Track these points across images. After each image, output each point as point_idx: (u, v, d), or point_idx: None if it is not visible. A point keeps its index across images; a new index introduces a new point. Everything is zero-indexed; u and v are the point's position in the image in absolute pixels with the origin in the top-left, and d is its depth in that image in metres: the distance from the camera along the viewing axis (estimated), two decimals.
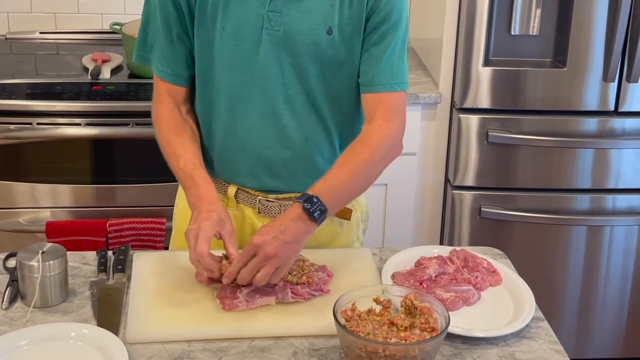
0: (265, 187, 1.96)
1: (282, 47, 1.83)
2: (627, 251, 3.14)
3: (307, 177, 1.91)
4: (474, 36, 2.89)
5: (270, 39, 1.82)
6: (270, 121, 1.89)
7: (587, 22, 2.86)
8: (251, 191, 1.97)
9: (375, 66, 1.87)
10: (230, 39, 1.83)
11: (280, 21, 1.81)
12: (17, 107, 2.85)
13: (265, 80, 1.86)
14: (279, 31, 1.82)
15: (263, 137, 1.90)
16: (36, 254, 1.71)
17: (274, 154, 1.92)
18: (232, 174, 1.97)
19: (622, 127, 2.99)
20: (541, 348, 1.66)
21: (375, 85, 1.88)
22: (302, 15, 1.82)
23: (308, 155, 1.93)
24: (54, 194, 2.96)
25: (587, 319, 3.22)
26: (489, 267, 1.88)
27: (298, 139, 1.91)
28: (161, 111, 1.94)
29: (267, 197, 1.96)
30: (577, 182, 3.05)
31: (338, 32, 1.84)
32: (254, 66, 1.85)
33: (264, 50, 1.83)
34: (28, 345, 1.58)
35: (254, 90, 1.87)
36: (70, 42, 3.38)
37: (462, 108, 2.98)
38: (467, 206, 3.06)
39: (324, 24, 1.82)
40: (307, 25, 1.82)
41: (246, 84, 1.87)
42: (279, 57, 1.84)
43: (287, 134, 1.90)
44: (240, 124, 1.90)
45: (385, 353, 1.47)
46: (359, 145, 1.87)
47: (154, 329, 1.64)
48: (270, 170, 1.94)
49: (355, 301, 1.60)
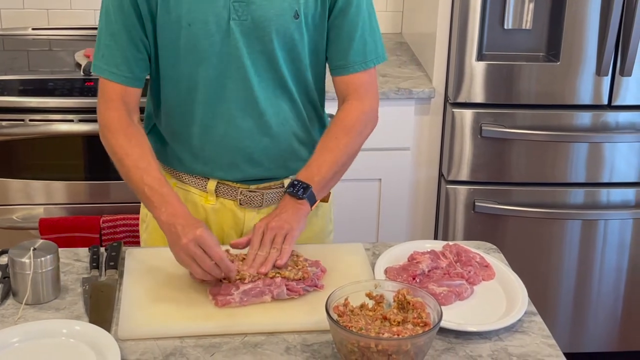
0: (246, 177, 1.97)
1: (251, 36, 1.84)
2: (621, 244, 3.15)
3: (285, 161, 1.97)
4: (468, 31, 2.89)
5: (239, 29, 1.83)
6: (247, 111, 1.90)
7: (580, 16, 2.86)
8: (232, 184, 1.97)
9: (347, 48, 1.93)
10: (198, 34, 1.83)
11: (247, 10, 1.83)
12: (10, 104, 2.84)
13: (238, 70, 1.86)
14: (247, 20, 1.83)
15: (241, 127, 1.91)
16: (28, 250, 1.71)
17: (253, 143, 1.93)
18: (212, 168, 1.96)
19: (615, 121, 2.99)
20: (534, 342, 1.66)
21: (348, 68, 1.94)
22: (268, 2, 1.84)
23: (285, 140, 1.96)
24: (47, 191, 2.96)
25: (581, 312, 3.22)
26: (481, 262, 1.87)
27: (275, 125, 1.93)
28: (112, 117, 1.88)
29: (248, 187, 1.98)
30: (571, 176, 3.05)
31: (303, 15, 1.86)
32: (225, 58, 1.85)
33: (234, 40, 1.84)
34: (20, 342, 1.58)
35: (228, 81, 1.87)
36: (63, 38, 3.37)
37: (455, 103, 2.98)
38: (461, 201, 3.06)
39: (290, 8, 1.85)
40: (273, 11, 1.84)
41: (220, 76, 1.87)
42: (249, 46, 1.85)
43: (265, 121, 1.92)
44: (218, 116, 1.90)
45: (378, 348, 1.47)
46: (336, 128, 1.94)
47: (146, 325, 1.64)
48: (250, 159, 1.95)
49: (347, 296, 1.60)
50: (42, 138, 2.87)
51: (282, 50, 1.87)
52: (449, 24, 2.97)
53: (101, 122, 1.89)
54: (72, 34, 3.38)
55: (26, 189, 2.95)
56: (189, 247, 1.69)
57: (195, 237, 1.69)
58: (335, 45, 1.94)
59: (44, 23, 3.42)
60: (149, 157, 1.85)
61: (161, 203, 1.78)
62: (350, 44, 1.93)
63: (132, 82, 1.89)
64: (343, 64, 1.95)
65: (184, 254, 1.70)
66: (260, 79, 1.88)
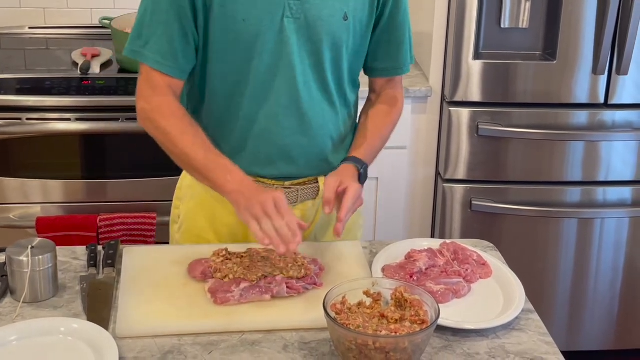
0: (281, 175, 1.97)
1: (302, 35, 1.85)
2: (617, 243, 3.15)
3: (318, 161, 1.98)
4: (464, 30, 2.89)
5: (292, 27, 1.84)
6: (290, 109, 1.91)
7: (576, 15, 2.87)
8: (267, 180, 1.97)
9: (397, 51, 2.00)
10: (252, 30, 1.83)
11: (301, 8, 1.83)
12: (7, 103, 2.84)
13: (286, 68, 1.87)
14: (300, 19, 1.84)
15: (283, 125, 1.92)
16: (25, 249, 1.71)
17: (293, 142, 1.94)
18: (249, 165, 1.94)
19: (612, 120, 2.99)
20: (531, 340, 1.66)
21: (397, 70, 2.04)
22: (321, 2, 1.84)
23: (322, 140, 1.97)
24: (44, 190, 2.96)
25: (578, 311, 3.23)
26: (479, 260, 1.88)
27: (315, 126, 1.94)
28: (162, 101, 1.87)
29: (283, 184, 1.98)
30: (568, 174, 3.05)
31: (352, 18, 1.88)
32: (276, 55, 1.86)
33: (286, 38, 1.84)
34: (18, 341, 1.58)
35: (276, 78, 1.88)
36: (60, 37, 3.37)
37: (452, 101, 2.98)
38: (457, 199, 3.06)
39: (340, 10, 1.86)
40: (326, 11, 1.85)
41: (269, 72, 1.87)
42: (299, 45, 1.86)
43: (306, 121, 1.93)
44: (262, 112, 1.90)
45: (376, 345, 1.47)
46: (386, 117, 2.05)
47: (144, 323, 1.64)
48: (288, 157, 1.95)
49: (345, 294, 1.60)
50: (39, 137, 2.87)
51: (329, 51, 1.89)
52: (445, 22, 2.97)
53: (148, 107, 1.87)
54: (69, 32, 3.38)
55: (23, 188, 2.95)
56: (267, 202, 1.70)
57: (275, 196, 1.72)
58: (384, 49, 1.99)
59: (41, 22, 3.42)
60: (203, 136, 1.85)
61: (226, 173, 1.80)
62: (400, 47, 2.00)
63: (178, 74, 1.88)
64: (392, 67, 2.02)
65: (258, 208, 1.70)
66: (306, 79, 1.89)
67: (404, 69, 2.04)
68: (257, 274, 1.74)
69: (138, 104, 1.90)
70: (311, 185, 2.00)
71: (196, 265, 1.80)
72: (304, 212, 2.01)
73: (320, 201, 2.01)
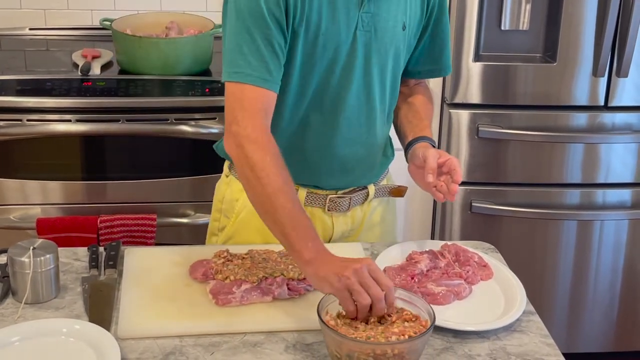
0: (337, 185, 1.99)
1: (370, 47, 1.85)
2: (617, 245, 3.15)
3: (368, 171, 2.01)
4: (464, 31, 2.90)
5: (363, 40, 1.84)
6: (355, 121, 1.91)
7: (576, 17, 2.87)
8: (321, 192, 1.98)
9: (440, 53, 2.02)
10: (329, 43, 1.82)
11: (372, 21, 1.83)
12: (7, 104, 2.83)
13: (357, 80, 1.87)
14: (370, 31, 1.84)
15: (347, 137, 1.92)
16: (27, 250, 1.71)
17: (352, 152, 1.95)
18: (307, 176, 1.94)
19: (611, 122, 3.00)
20: (532, 341, 1.66)
21: (440, 71, 2.06)
22: (387, 13, 1.85)
23: (376, 149, 2.00)
24: (44, 191, 2.95)
25: (577, 312, 3.23)
26: (480, 262, 1.88)
27: (371, 136, 1.96)
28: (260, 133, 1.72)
29: (336, 193, 1.99)
30: (567, 176, 3.06)
31: (408, 27, 1.90)
32: (348, 68, 1.85)
33: (357, 51, 1.84)
34: (20, 341, 1.58)
35: (346, 91, 1.87)
36: (60, 38, 3.37)
37: (452, 103, 2.99)
38: (457, 201, 3.06)
39: (401, 20, 1.88)
40: (391, 22, 1.86)
41: (339, 85, 1.87)
42: (367, 57, 1.86)
43: (366, 132, 1.94)
44: (328, 125, 1.90)
45: (394, 352, 1.46)
46: (430, 105, 2.08)
47: (145, 324, 1.64)
48: (345, 168, 1.96)
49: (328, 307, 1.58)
50: (40, 138, 2.87)
51: (391, 61, 1.90)
52: None
53: (242, 132, 1.72)
54: (70, 34, 3.38)
55: (23, 189, 2.95)
56: (362, 272, 1.54)
57: (368, 263, 1.56)
58: (427, 52, 2.00)
59: (41, 23, 3.42)
60: (293, 184, 1.72)
61: (307, 238, 1.63)
62: (443, 49, 2.02)
63: (274, 87, 1.77)
64: (433, 69, 2.04)
65: (353, 280, 1.54)
66: (370, 91, 1.90)
67: (448, 69, 2.05)
68: (258, 275, 1.75)
69: (230, 127, 1.75)
70: (361, 191, 2.02)
71: (197, 266, 1.80)
72: (354, 219, 2.04)
73: (367, 206, 2.05)
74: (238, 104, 1.75)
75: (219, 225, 2.08)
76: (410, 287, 1.75)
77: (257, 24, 1.74)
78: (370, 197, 2.04)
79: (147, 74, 2.94)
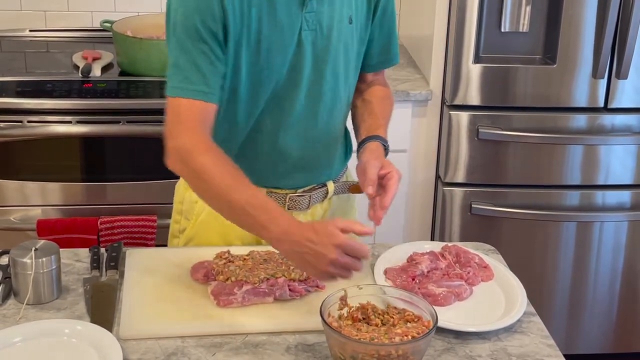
0: (295, 185, 1.98)
1: (318, 45, 1.85)
2: (616, 246, 3.16)
3: (326, 168, 2.01)
4: (464, 33, 2.90)
5: (310, 39, 1.84)
6: (307, 121, 1.91)
7: (576, 19, 2.88)
8: (280, 191, 1.98)
9: (389, 43, 2.02)
10: (273, 46, 1.82)
11: (316, 19, 1.83)
12: (8, 105, 2.84)
13: (307, 79, 1.87)
14: (316, 30, 1.84)
15: (301, 137, 1.92)
16: (29, 251, 1.72)
17: (309, 152, 1.95)
18: (264, 178, 1.94)
19: (611, 124, 3.00)
20: (533, 342, 1.67)
21: (389, 61, 2.05)
22: (331, 9, 1.85)
23: (334, 147, 2.00)
24: (44, 192, 2.96)
25: (577, 314, 3.23)
26: (480, 263, 1.88)
27: (329, 135, 1.96)
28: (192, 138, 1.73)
29: (296, 192, 1.99)
30: (567, 178, 3.06)
31: (355, 20, 1.90)
32: (296, 68, 1.85)
33: (305, 51, 1.84)
34: (22, 342, 1.59)
35: (297, 91, 1.87)
36: (61, 39, 3.37)
37: (452, 105, 2.99)
38: (457, 203, 3.07)
39: (347, 14, 1.88)
40: (336, 17, 1.86)
41: (291, 86, 1.87)
42: (315, 56, 1.86)
43: (323, 131, 1.94)
44: (280, 126, 1.90)
45: (398, 353, 1.47)
46: (391, 97, 2.07)
47: (147, 325, 1.64)
48: (301, 167, 1.96)
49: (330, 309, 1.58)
50: (40, 139, 2.87)
51: (342, 57, 1.90)
52: (446, 26, 2.98)
53: (178, 145, 1.73)
54: (70, 35, 3.39)
55: (24, 190, 2.95)
56: (340, 260, 1.58)
57: (339, 242, 1.58)
58: (377, 43, 2.00)
59: (42, 25, 3.42)
60: (243, 174, 1.72)
61: (270, 221, 1.64)
62: (391, 39, 2.02)
63: (212, 98, 1.77)
64: (383, 60, 2.04)
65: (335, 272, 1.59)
66: (323, 90, 1.89)
67: (396, 59, 2.06)
68: (259, 276, 1.75)
69: (168, 144, 1.75)
70: (320, 189, 2.01)
71: (198, 267, 1.80)
72: (314, 217, 2.03)
73: (327, 203, 2.04)
74: (175, 118, 1.76)
75: (179, 227, 2.08)
76: (411, 288, 1.75)
77: (192, 38, 1.75)
78: (330, 194, 2.03)
79: (147, 76, 2.94)
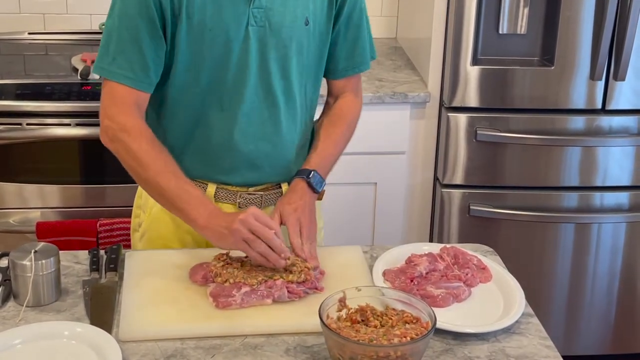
0: (245, 182, 1.98)
1: (267, 42, 1.86)
2: (614, 248, 3.16)
3: (282, 167, 2.00)
4: (462, 35, 2.91)
5: (256, 35, 1.85)
6: (256, 117, 1.92)
7: (574, 21, 2.88)
8: (231, 188, 1.98)
9: (353, 50, 2.02)
10: (218, 39, 1.84)
11: (265, 16, 1.85)
12: (7, 108, 2.84)
13: (252, 76, 1.88)
14: (264, 26, 1.85)
15: (248, 132, 1.93)
16: (29, 253, 1.72)
17: (257, 149, 1.95)
18: (213, 172, 1.96)
19: (609, 125, 3.01)
20: (531, 343, 1.67)
21: (354, 69, 2.05)
22: (283, 8, 1.86)
23: (286, 147, 1.98)
24: (43, 195, 2.96)
25: (575, 315, 3.24)
26: (479, 264, 1.89)
27: (279, 133, 1.95)
28: (129, 121, 1.84)
29: (247, 190, 1.99)
30: (565, 180, 3.06)
31: (312, 22, 1.90)
32: (242, 64, 1.87)
33: (251, 46, 1.85)
34: (22, 344, 1.59)
35: (241, 86, 1.88)
36: (59, 42, 3.38)
37: (450, 107, 3.00)
38: (456, 204, 3.07)
39: (302, 15, 1.88)
40: (289, 17, 1.87)
41: (235, 81, 1.88)
42: (263, 53, 1.87)
43: (270, 128, 1.94)
44: (227, 121, 1.91)
45: (397, 354, 1.47)
46: (339, 121, 2.06)
47: (146, 327, 1.65)
48: (252, 164, 1.96)
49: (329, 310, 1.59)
50: (39, 142, 2.88)
51: (294, 57, 1.90)
52: (444, 28, 2.99)
53: (115, 126, 1.84)
54: (69, 38, 3.39)
55: (23, 193, 2.95)
56: (248, 220, 1.71)
57: (252, 211, 1.72)
58: (341, 48, 2.00)
59: (40, 27, 3.43)
60: (174, 162, 1.85)
61: (198, 205, 1.79)
62: (355, 47, 2.01)
63: (148, 88, 1.86)
64: (348, 66, 2.03)
65: (244, 231, 1.71)
66: (271, 87, 1.90)
67: (363, 66, 2.05)
68: (257, 278, 1.75)
69: (103, 122, 1.86)
70: (274, 190, 2.01)
71: (197, 269, 1.81)
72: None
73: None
74: (110, 100, 1.86)
75: (139, 221, 2.09)
76: (409, 290, 1.76)
77: (137, 17, 1.81)
78: None
79: None
